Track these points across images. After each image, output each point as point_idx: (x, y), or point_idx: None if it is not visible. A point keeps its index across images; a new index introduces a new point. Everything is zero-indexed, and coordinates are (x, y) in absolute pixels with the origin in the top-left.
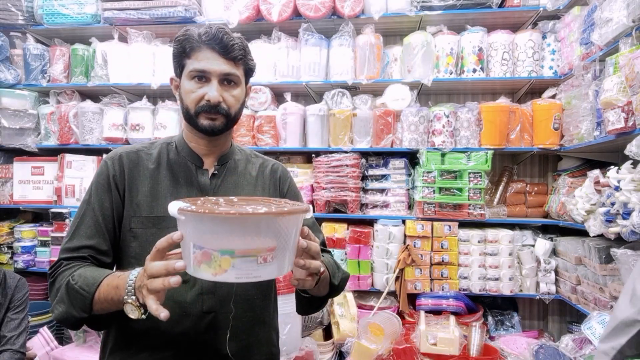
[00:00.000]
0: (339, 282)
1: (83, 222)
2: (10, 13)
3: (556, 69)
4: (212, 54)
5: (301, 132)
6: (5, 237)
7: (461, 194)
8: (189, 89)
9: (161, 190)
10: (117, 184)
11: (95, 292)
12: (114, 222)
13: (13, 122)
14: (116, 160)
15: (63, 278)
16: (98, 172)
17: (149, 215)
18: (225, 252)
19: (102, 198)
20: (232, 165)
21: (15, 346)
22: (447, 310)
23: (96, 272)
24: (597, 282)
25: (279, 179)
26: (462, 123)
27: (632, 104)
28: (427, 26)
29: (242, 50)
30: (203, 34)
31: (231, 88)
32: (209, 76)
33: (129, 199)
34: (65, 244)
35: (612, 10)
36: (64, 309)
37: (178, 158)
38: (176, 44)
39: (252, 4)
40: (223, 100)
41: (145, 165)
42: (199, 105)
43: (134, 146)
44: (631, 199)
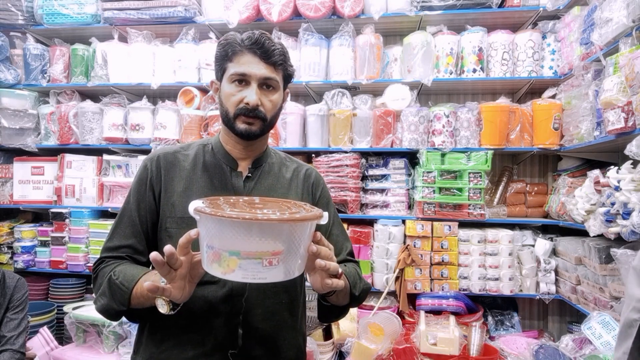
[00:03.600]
0: (360, 293)
1: (122, 222)
2: (10, 13)
3: (556, 69)
4: (254, 58)
5: (301, 132)
6: (5, 237)
7: (461, 194)
8: (229, 92)
9: (195, 191)
10: (154, 185)
11: (133, 287)
12: (150, 222)
13: (13, 122)
14: (154, 161)
15: (104, 274)
16: (137, 173)
17: (183, 216)
18: (233, 253)
19: (139, 200)
20: (267, 169)
21: (15, 346)
22: (447, 310)
23: (135, 269)
24: (597, 282)
25: (312, 185)
26: (462, 123)
27: (632, 104)
28: (427, 26)
29: (283, 56)
30: (246, 39)
31: (270, 93)
32: (249, 80)
33: (165, 199)
34: (106, 244)
35: (612, 10)
36: (105, 301)
37: (214, 160)
38: (219, 48)
39: (252, 4)
40: (261, 104)
41: (181, 166)
42: (238, 107)
43: (171, 147)
44: (631, 199)
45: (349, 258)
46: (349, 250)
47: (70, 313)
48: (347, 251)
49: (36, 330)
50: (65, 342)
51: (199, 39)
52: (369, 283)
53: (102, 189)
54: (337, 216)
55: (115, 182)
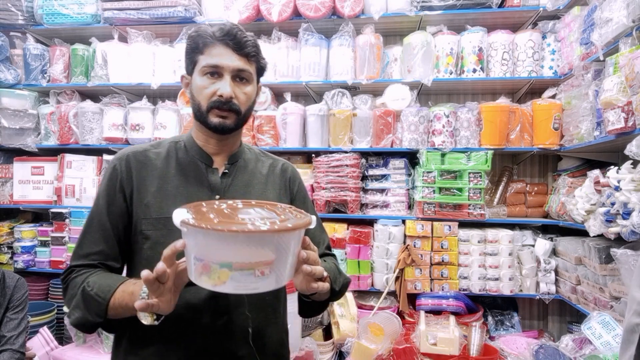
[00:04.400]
0: (340, 288)
1: (91, 228)
2: (10, 13)
3: (556, 69)
4: (226, 50)
5: (301, 132)
6: (5, 237)
7: (461, 194)
8: (201, 85)
9: (170, 190)
10: (124, 186)
11: (110, 298)
12: (122, 226)
13: (13, 122)
14: (123, 161)
15: (76, 285)
16: (105, 175)
17: (158, 217)
18: (224, 265)
19: (109, 202)
20: (243, 164)
21: (14, 346)
22: (447, 310)
23: (110, 278)
24: (597, 282)
25: (289, 180)
26: (462, 123)
27: (632, 104)
28: (427, 26)
29: (255, 48)
30: (217, 31)
31: (243, 85)
32: (221, 72)
33: (138, 200)
34: (76, 251)
35: (612, 10)
36: (80, 314)
37: (187, 157)
38: (189, 41)
39: (252, 4)
40: (235, 97)
41: (153, 164)
42: (211, 100)
43: (140, 146)
44: (631, 199)
45: (327, 252)
46: (326, 244)
47: None
48: (324, 245)
49: (36, 330)
50: (65, 342)
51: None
52: (348, 277)
53: None
54: (314, 210)
55: None
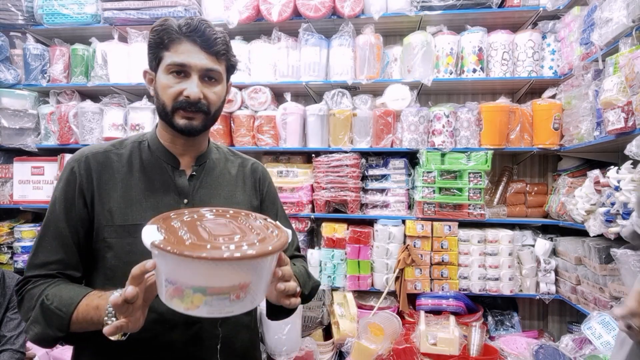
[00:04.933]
0: (309, 292)
1: (47, 235)
2: (10, 13)
3: (556, 69)
4: (193, 47)
5: (301, 132)
6: (5, 237)
7: (461, 194)
8: (166, 83)
9: (135, 196)
10: (84, 190)
11: (73, 311)
12: (82, 232)
13: (13, 122)
14: (82, 163)
15: (33, 297)
16: (62, 177)
17: (123, 224)
18: (197, 289)
19: (67, 208)
20: (211, 165)
21: (15, 346)
22: (447, 310)
23: (72, 290)
24: (597, 282)
25: (258, 180)
26: (462, 123)
27: (632, 104)
28: (427, 26)
29: (225, 45)
30: (184, 25)
31: (212, 85)
32: (188, 71)
33: (100, 206)
34: (31, 260)
35: (612, 10)
36: (39, 329)
37: (152, 158)
38: (153, 34)
39: (252, 4)
40: (204, 97)
41: (115, 167)
42: (177, 101)
43: (101, 145)
44: (631, 199)
45: (297, 254)
46: (295, 245)
47: None
48: (294, 246)
49: None
50: None
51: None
52: (318, 280)
53: None
54: (283, 210)
55: None
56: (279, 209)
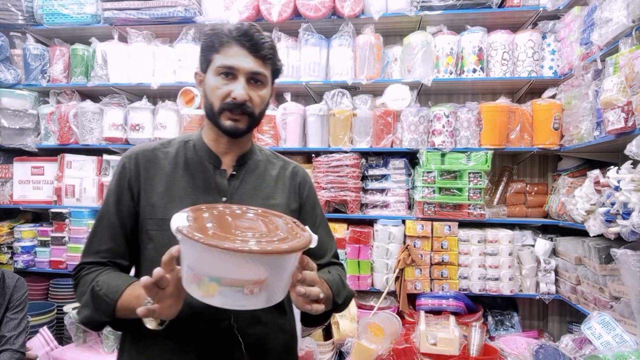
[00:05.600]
0: (343, 301)
1: (100, 225)
2: (10, 13)
3: (556, 69)
4: (242, 51)
5: (301, 132)
6: (5, 237)
7: (461, 194)
8: (214, 85)
9: (177, 192)
10: (132, 185)
11: (118, 299)
12: (130, 224)
13: (13, 122)
14: (132, 159)
15: (86, 283)
16: (115, 173)
17: (164, 218)
18: (213, 278)
19: (118, 200)
20: (252, 166)
21: (14, 346)
22: (447, 310)
23: (119, 279)
24: (597, 282)
25: (299, 184)
26: (462, 123)
27: (632, 104)
28: (427, 26)
29: (272, 50)
30: (234, 30)
31: (258, 88)
32: (236, 73)
33: (145, 200)
34: (86, 248)
35: (612, 10)
36: (89, 312)
37: (195, 157)
38: (205, 38)
39: (252, 4)
40: (249, 99)
41: (162, 164)
42: (224, 102)
43: (150, 144)
44: (631, 199)
45: (334, 260)
46: (333, 252)
47: (70, 313)
48: (332, 253)
49: (36, 330)
50: (65, 342)
51: (199, 39)
52: (352, 290)
53: (102, 189)
54: (324, 216)
55: None
56: (319, 215)
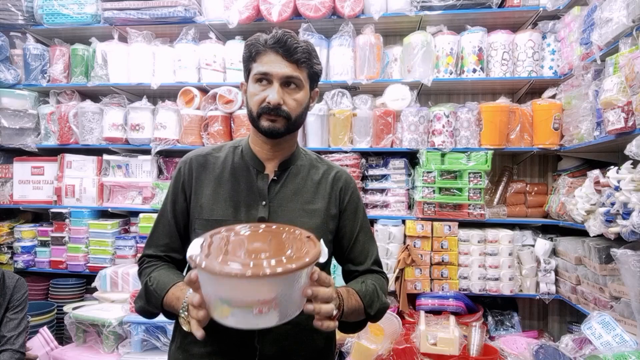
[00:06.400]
0: (375, 313)
1: (160, 222)
2: (10, 13)
3: (556, 69)
4: (276, 57)
5: (301, 132)
6: (5, 237)
7: (461, 194)
8: (252, 91)
9: (222, 194)
10: (186, 187)
11: (164, 296)
12: (183, 223)
13: (13, 122)
14: (187, 164)
15: (144, 275)
16: (173, 175)
17: (209, 218)
18: (224, 301)
19: (174, 200)
20: (294, 171)
21: (14, 346)
22: (447, 310)
23: (168, 277)
24: (597, 282)
25: (340, 190)
26: (462, 123)
27: (632, 104)
28: (427, 26)
29: (307, 54)
30: (269, 39)
31: (293, 91)
32: (271, 79)
33: (195, 201)
34: (147, 241)
35: (612, 10)
36: (142, 303)
37: (242, 162)
38: (245, 49)
39: (252, 4)
40: (284, 103)
41: (211, 168)
42: (260, 107)
43: (204, 149)
44: (631, 199)
45: (374, 268)
46: (374, 258)
47: (70, 313)
48: (372, 259)
49: (36, 330)
50: (65, 342)
51: (199, 39)
52: (388, 302)
53: (102, 189)
54: (366, 221)
55: (115, 182)
56: (360, 220)
